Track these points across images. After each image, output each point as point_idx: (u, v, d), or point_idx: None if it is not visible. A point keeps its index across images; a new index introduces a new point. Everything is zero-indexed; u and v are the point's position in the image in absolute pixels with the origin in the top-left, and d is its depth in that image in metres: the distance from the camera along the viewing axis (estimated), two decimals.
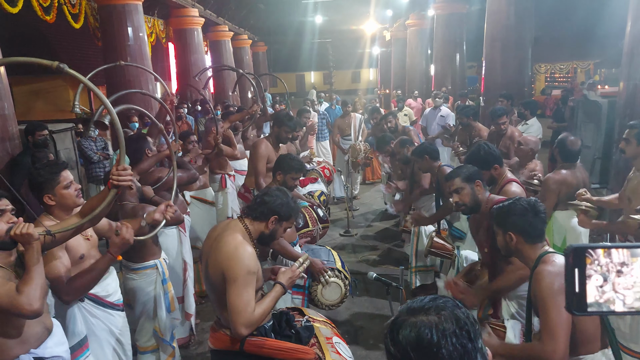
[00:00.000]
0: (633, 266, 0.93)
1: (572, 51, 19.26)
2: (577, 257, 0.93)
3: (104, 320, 2.77)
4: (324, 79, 33.21)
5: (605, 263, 0.93)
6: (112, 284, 2.86)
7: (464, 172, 2.96)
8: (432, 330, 1.01)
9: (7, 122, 5.06)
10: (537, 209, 2.23)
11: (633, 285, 0.93)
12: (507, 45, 8.56)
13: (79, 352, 2.60)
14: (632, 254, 0.93)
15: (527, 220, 2.20)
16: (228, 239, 2.34)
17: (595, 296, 0.93)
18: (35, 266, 2.03)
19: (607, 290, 0.93)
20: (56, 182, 2.51)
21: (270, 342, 2.39)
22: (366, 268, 5.59)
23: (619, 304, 0.93)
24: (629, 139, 3.38)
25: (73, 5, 7.64)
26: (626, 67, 5.36)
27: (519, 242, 2.23)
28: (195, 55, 12.21)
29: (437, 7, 13.04)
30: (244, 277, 2.23)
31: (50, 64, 1.95)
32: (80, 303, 2.65)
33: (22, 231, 1.97)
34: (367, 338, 4.21)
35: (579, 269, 0.93)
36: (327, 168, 7.09)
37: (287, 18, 20.91)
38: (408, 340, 1.02)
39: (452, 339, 1.00)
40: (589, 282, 0.93)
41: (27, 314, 2.02)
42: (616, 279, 0.93)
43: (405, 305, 1.11)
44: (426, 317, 1.04)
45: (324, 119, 9.72)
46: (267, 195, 2.47)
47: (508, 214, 2.26)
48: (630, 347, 3.00)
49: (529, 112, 6.53)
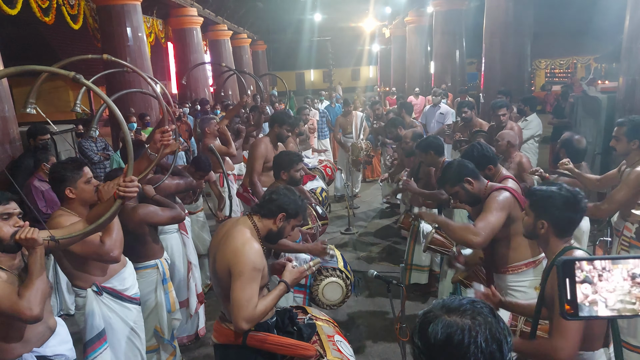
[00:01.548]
0: (614, 272, 1.02)
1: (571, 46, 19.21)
2: (567, 268, 1.03)
3: (121, 314, 2.84)
4: (324, 77, 33.21)
5: (589, 269, 1.03)
6: (129, 277, 2.92)
7: (447, 178, 2.97)
8: (465, 333, 1.01)
9: (7, 124, 5.07)
10: (579, 204, 2.05)
11: (614, 289, 1.02)
12: (506, 41, 8.57)
13: (97, 345, 2.70)
14: (613, 262, 1.03)
15: (565, 214, 2.05)
16: (236, 234, 2.38)
17: (583, 301, 1.02)
18: (37, 271, 2.08)
19: (591, 294, 1.02)
20: (79, 176, 2.66)
21: (272, 338, 2.43)
22: (367, 266, 5.61)
23: (602, 307, 1.02)
24: (619, 137, 3.39)
25: (72, 6, 7.66)
26: (625, 62, 5.37)
27: (549, 232, 2.10)
28: (195, 54, 12.23)
29: (436, 3, 13.03)
30: (249, 272, 2.27)
31: (67, 74, 2.02)
32: (99, 297, 2.74)
33: (27, 236, 2.01)
34: (368, 336, 4.23)
35: (569, 279, 1.03)
36: (329, 166, 7.11)
37: (286, 16, 20.92)
38: (437, 337, 1.03)
39: (482, 346, 1.00)
40: (578, 289, 1.02)
41: (26, 318, 2.07)
42: (599, 283, 1.02)
43: (440, 301, 1.11)
44: (460, 318, 1.04)
45: (324, 117, 9.74)
46: (275, 193, 2.51)
47: (548, 203, 2.08)
48: (628, 341, 3.03)
49: (528, 108, 6.52)
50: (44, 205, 4.47)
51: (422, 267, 4.75)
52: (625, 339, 3.04)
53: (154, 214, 3.28)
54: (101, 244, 2.55)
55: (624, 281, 1.01)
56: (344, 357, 2.55)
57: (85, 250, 2.55)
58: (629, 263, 1.01)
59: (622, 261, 1.02)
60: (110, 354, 2.78)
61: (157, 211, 3.30)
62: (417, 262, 4.75)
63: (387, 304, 4.70)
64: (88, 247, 2.53)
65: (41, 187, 4.51)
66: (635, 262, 1.01)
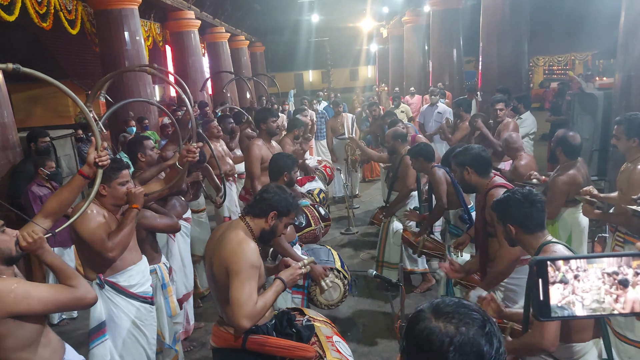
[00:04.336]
0: (589, 272, 1.02)
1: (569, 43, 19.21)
2: (540, 268, 1.02)
3: (125, 310, 2.87)
4: (322, 78, 33.21)
5: (565, 270, 1.02)
6: (136, 276, 2.95)
7: (457, 158, 3.18)
8: (444, 340, 1.00)
9: (7, 130, 5.09)
10: (532, 199, 2.27)
11: (590, 288, 1.02)
12: (503, 39, 8.58)
13: (96, 336, 2.78)
14: (588, 261, 1.02)
15: (523, 212, 2.25)
16: (231, 236, 2.40)
17: (558, 300, 1.02)
18: (63, 263, 2.21)
19: (567, 294, 1.02)
20: (115, 176, 2.82)
21: (271, 340, 2.43)
22: (367, 266, 5.62)
23: (578, 306, 1.02)
24: (618, 135, 3.42)
25: (69, 11, 7.68)
26: (621, 58, 5.38)
27: (519, 233, 2.29)
28: (193, 57, 12.24)
29: (433, 3, 13.04)
30: (246, 270, 2.28)
31: (5, 67, 2.04)
32: (101, 290, 2.81)
33: (34, 238, 2.06)
34: (368, 335, 4.24)
35: (542, 279, 1.02)
36: (328, 167, 7.13)
37: (284, 17, 20.92)
38: (419, 339, 1.03)
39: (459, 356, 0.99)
40: (551, 288, 1.02)
41: (90, 302, 2.22)
42: (575, 283, 1.02)
43: (433, 301, 1.09)
44: (445, 325, 1.02)
45: (323, 117, 9.75)
46: (266, 192, 2.53)
47: (505, 207, 2.32)
48: (626, 335, 3.05)
49: (522, 105, 6.52)
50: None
51: (391, 264, 4.83)
52: (623, 333, 3.07)
53: (152, 218, 3.34)
54: (105, 240, 2.70)
55: (598, 280, 1.01)
56: (343, 357, 2.56)
57: (92, 239, 2.70)
58: (603, 262, 1.01)
59: (597, 260, 1.02)
60: (111, 346, 2.82)
61: (154, 216, 3.36)
62: (387, 259, 4.86)
63: (386, 303, 4.73)
64: (95, 238, 2.70)
65: (39, 192, 4.51)
66: (609, 261, 1.02)
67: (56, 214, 2.39)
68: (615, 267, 1.01)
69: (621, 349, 3.05)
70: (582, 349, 2.16)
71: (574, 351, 2.16)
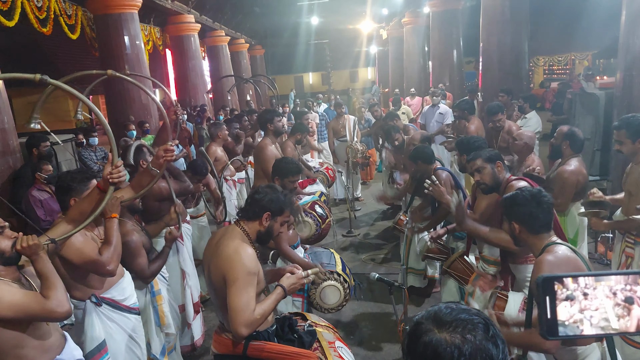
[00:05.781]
0: (597, 289, 1.00)
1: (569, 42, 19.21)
2: (547, 286, 1.00)
3: (121, 324, 2.83)
4: (322, 80, 33.21)
5: (574, 288, 1.00)
6: (128, 287, 2.91)
7: (485, 153, 3.09)
8: (454, 352, 0.96)
9: (7, 135, 5.08)
10: (540, 199, 2.23)
11: (598, 307, 0.99)
12: (503, 39, 8.58)
13: (99, 356, 2.69)
14: (596, 279, 1.00)
15: (528, 211, 2.22)
16: (227, 242, 2.37)
17: (566, 319, 0.99)
18: (51, 272, 2.14)
19: (575, 312, 0.99)
20: (85, 187, 2.67)
21: (273, 346, 2.40)
22: (369, 268, 5.60)
23: (586, 325, 0.99)
24: (621, 140, 3.39)
25: (69, 16, 7.68)
26: (622, 58, 5.36)
27: (523, 232, 2.26)
28: (193, 61, 12.26)
29: (432, 4, 13.05)
30: (244, 277, 2.25)
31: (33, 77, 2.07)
32: (98, 308, 2.74)
33: (29, 243, 2.05)
34: (371, 338, 4.22)
35: (549, 297, 0.99)
36: (330, 169, 7.12)
37: (284, 20, 20.93)
38: (425, 354, 0.99)
39: None
40: (559, 306, 0.99)
41: (59, 316, 2.13)
42: (583, 301, 0.99)
43: (432, 310, 1.05)
44: (450, 335, 0.98)
45: (324, 120, 9.75)
46: (257, 193, 2.50)
47: (511, 204, 2.30)
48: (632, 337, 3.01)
49: (527, 105, 6.53)
50: (43, 214, 4.48)
51: (418, 270, 4.74)
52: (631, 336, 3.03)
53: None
54: (99, 256, 2.58)
55: (606, 299, 0.99)
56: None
57: (84, 259, 2.56)
58: (611, 280, 0.99)
59: (605, 278, 1.00)
60: None
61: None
62: (412, 265, 4.74)
63: (389, 306, 4.69)
64: (86, 258, 2.56)
65: (40, 197, 4.51)
66: (617, 278, 1.00)
67: (78, 221, 2.41)
68: (623, 284, 0.99)
69: (627, 353, 3.01)
70: (584, 352, 2.13)
71: (576, 354, 2.14)
